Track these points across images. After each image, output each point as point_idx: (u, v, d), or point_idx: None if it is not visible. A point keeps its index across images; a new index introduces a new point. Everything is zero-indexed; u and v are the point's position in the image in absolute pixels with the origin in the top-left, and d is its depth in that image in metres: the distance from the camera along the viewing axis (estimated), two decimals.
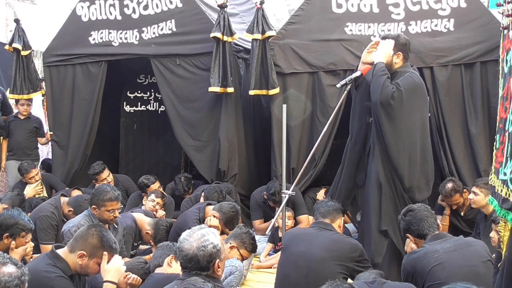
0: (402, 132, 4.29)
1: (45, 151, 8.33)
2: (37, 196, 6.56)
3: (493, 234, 3.91)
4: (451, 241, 3.43)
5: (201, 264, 2.77)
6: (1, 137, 7.36)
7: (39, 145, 7.61)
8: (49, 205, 5.39)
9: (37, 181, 6.71)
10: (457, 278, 3.16)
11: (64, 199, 5.44)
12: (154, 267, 3.76)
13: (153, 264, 3.79)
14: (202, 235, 2.83)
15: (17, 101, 7.35)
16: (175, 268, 3.64)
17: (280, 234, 5.31)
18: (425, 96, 4.53)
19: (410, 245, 3.62)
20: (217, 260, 2.81)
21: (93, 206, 4.55)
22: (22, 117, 7.34)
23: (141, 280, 3.69)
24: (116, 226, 4.70)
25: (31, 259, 3.95)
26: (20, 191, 6.39)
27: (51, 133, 7.24)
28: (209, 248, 2.78)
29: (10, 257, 2.49)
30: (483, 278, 3.13)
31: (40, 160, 7.84)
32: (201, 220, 5.08)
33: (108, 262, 3.21)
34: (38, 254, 4.14)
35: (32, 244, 4.07)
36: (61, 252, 3.24)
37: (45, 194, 6.63)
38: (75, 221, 4.56)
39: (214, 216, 4.89)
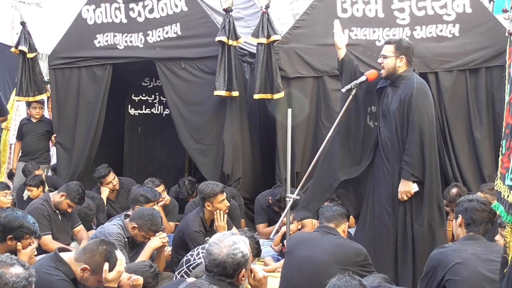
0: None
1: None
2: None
3: (498, 238, 3.91)
4: (483, 245, 3.46)
5: (227, 271, 2.75)
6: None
7: (51, 148, 7.65)
8: (39, 199, 5.59)
9: None
10: (477, 279, 3.22)
11: (53, 193, 5.56)
12: None
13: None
14: (233, 243, 2.80)
15: (28, 104, 7.41)
16: None
17: None
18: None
19: (457, 224, 3.67)
20: (243, 269, 2.80)
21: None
22: (34, 120, 7.42)
23: (142, 279, 3.68)
24: None
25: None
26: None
27: (55, 135, 7.28)
28: (238, 256, 2.76)
29: (17, 258, 2.51)
30: None
31: (51, 164, 7.87)
32: (203, 220, 5.11)
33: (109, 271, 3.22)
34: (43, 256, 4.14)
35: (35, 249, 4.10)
36: (66, 256, 3.25)
37: None
38: (112, 230, 4.48)
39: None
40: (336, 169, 4.99)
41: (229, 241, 2.81)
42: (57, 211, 5.49)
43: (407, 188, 4.51)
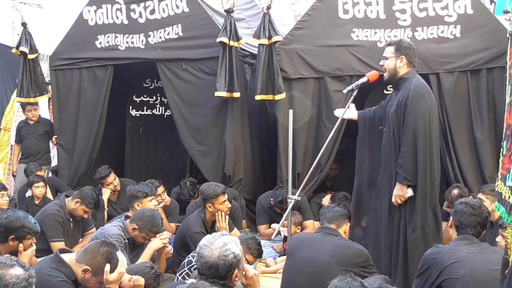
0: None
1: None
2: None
3: (499, 239, 3.92)
4: (477, 245, 3.50)
5: (220, 273, 2.75)
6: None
7: (51, 149, 7.64)
8: (54, 204, 5.46)
9: None
10: (474, 277, 3.26)
11: (68, 198, 5.47)
12: None
13: None
14: (224, 244, 2.79)
15: (23, 107, 7.40)
16: None
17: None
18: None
19: (448, 226, 3.73)
20: (236, 270, 2.79)
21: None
22: (31, 122, 7.40)
23: (143, 280, 3.68)
24: None
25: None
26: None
27: (55, 136, 7.28)
28: (230, 257, 2.76)
29: (17, 259, 2.50)
30: None
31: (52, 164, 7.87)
32: (204, 221, 5.11)
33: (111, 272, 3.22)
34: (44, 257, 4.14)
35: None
36: (67, 258, 3.24)
37: (51, 197, 6.63)
38: (112, 231, 4.45)
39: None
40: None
41: (219, 243, 2.80)
42: (70, 219, 5.40)
43: (401, 192, 4.48)
